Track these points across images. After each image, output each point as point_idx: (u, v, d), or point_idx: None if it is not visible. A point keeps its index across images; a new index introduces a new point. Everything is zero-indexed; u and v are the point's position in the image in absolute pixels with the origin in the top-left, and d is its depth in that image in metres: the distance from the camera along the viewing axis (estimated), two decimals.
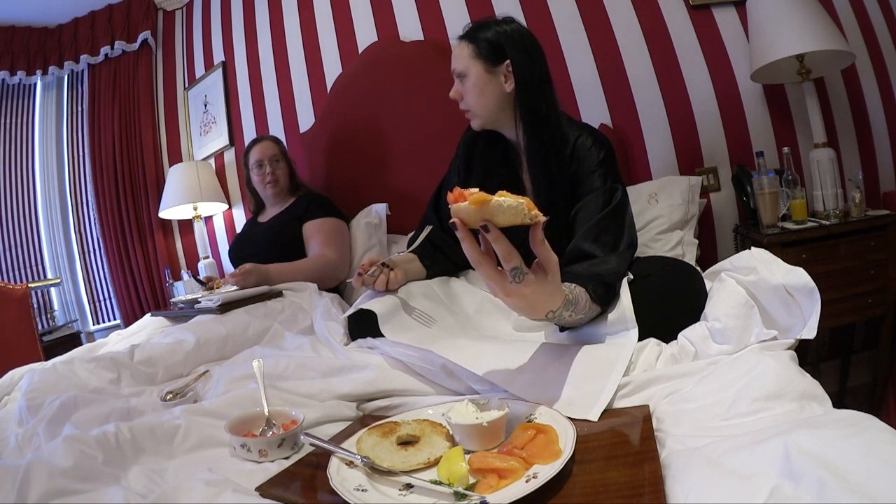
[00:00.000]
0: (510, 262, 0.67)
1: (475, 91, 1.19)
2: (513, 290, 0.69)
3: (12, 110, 2.79)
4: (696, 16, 1.89)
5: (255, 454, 0.70)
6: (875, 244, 1.52)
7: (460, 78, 1.21)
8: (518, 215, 0.65)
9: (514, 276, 0.68)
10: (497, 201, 0.64)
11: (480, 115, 1.22)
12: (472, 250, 0.68)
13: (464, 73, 1.20)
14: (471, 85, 1.19)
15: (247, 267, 1.56)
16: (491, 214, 0.64)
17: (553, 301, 0.76)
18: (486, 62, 1.18)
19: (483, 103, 1.20)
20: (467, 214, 0.65)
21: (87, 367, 1.04)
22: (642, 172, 1.94)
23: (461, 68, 1.20)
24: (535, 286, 0.70)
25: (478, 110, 1.22)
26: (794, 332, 0.74)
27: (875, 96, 1.84)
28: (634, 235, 1.07)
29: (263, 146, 2.00)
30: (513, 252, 0.67)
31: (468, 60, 1.19)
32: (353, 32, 2.30)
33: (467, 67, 1.19)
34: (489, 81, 1.18)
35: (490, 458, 0.58)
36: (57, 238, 2.78)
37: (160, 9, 2.74)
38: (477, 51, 1.18)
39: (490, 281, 0.70)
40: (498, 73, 1.18)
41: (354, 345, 1.10)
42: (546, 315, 0.78)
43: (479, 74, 1.18)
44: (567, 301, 0.80)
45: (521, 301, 0.72)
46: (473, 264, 0.69)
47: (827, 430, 0.46)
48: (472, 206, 0.64)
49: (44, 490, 0.56)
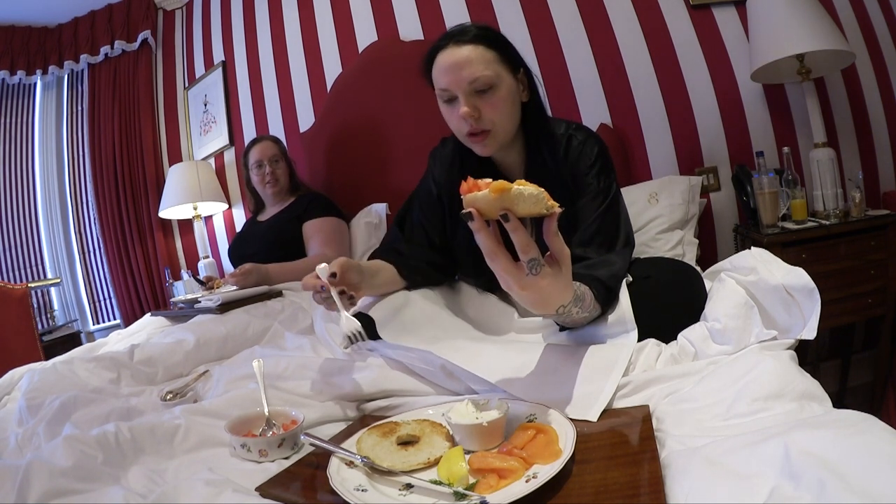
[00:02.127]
0: (528, 254, 0.65)
1: (507, 104, 0.98)
2: (529, 283, 0.67)
3: (12, 110, 2.79)
4: (696, 16, 1.89)
5: (255, 454, 0.70)
6: (875, 244, 1.52)
7: (481, 91, 0.96)
8: (538, 204, 0.63)
9: (531, 268, 0.66)
10: (518, 189, 0.62)
11: (503, 134, 1.01)
12: (488, 242, 0.65)
13: (491, 84, 0.96)
14: (502, 97, 0.97)
15: (246, 267, 1.57)
16: (511, 203, 0.62)
17: (565, 295, 0.75)
18: (510, 69, 1.00)
19: (512, 119, 1.01)
20: (486, 203, 0.62)
21: (87, 367, 1.04)
22: (642, 172, 1.94)
23: (489, 75, 0.95)
24: (552, 278, 0.68)
25: (504, 128, 1.00)
26: (794, 332, 0.74)
27: (875, 96, 1.84)
28: (631, 232, 1.05)
29: (263, 146, 2.00)
30: (531, 243, 0.65)
31: (496, 66, 0.97)
32: (353, 32, 2.30)
33: (498, 76, 0.96)
34: (517, 92, 1.01)
35: (490, 458, 0.58)
36: (57, 238, 2.78)
37: (160, 8, 2.74)
38: (501, 56, 0.98)
39: (506, 274, 0.67)
40: (519, 82, 1.03)
41: (353, 348, 1.10)
42: (557, 310, 0.76)
43: (511, 84, 0.99)
44: (576, 296, 0.79)
45: (537, 294, 0.69)
46: (488, 257, 0.66)
47: (827, 430, 0.46)
48: (492, 193, 0.61)
49: (44, 490, 0.56)
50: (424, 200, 1.20)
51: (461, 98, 0.97)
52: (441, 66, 0.98)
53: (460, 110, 0.97)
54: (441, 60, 0.98)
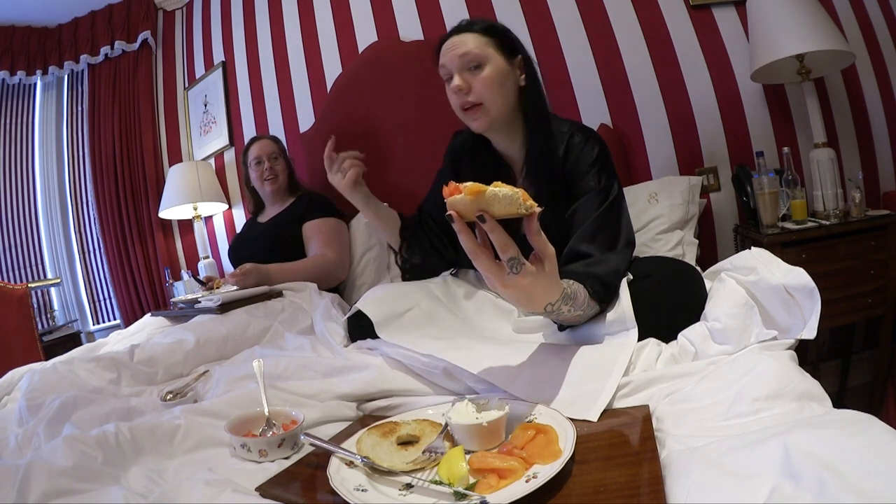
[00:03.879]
0: (507, 253, 0.67)
1: (495, 82, 1.08)
2: (511, 282, 0.69)
3: (12, 110, 2.79)
4: (696, 16, 1.89)
5: (255, 454, 0.70)
6: (875, 244, 1.52)
7: (472, 68, 1.08)
8: (513, 205, 0.65)
9: (511, 267, 0.68)
10: (492, 191, 0.64)
11: (494, 110, 1.10)
12: (469, 242, 0.68)
13: (480, 61, 1.07)
14: (490, 74, 1.07)
15: (247, 267, 1.56)
16: (486, 205, 0.65)
17: (551, 293, 0.76)
18: (503, 53, 1.10)
19: (503, 97, 1.09)
20: (463, 206, 0.65)
21: (87, 367, 1.04)
22: (642, 172, 1.94)
23: (478, 52, 1.07)
24: (533, 277, 0.70)
25: (493, 104, 1.09)
26: (794, 332, 0.74)
27: (875, 96, 1.84)
28: (632, 233, 1.06)
29: (262, 144, 2.00)
30: (509, 242, 0.67)
31: (486, 48, 1.08)
32: (353, 32, 2.30)
33: (486, 54, 1.07)
34: (509, 74, 1.10)
35: (490, 458, 0.58)
36: (57, 238, 2.78)
37: (160, 9, 2.74)
38: (493, 41, 1.09)
39: (488, 273, 0.69)
40: (514, 67, 1.12)
41: (354, 346, 1.10)
42: (545, 308, 0.78)
43: (501, 64, 1.09)
44: (565, 295, 0.79)
45: (520, 292, 0.71)
46: (471, 256, 0.69)
47: (827, 430, 0.46)
48: (468, 196, 0.64)
49: (44, 490, 0.56)
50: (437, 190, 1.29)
51: (455, 74, 1.10)
52: (443, 49, 1.13)
53: (452, 83, 1.10)
54: (443, 45, 1.13)
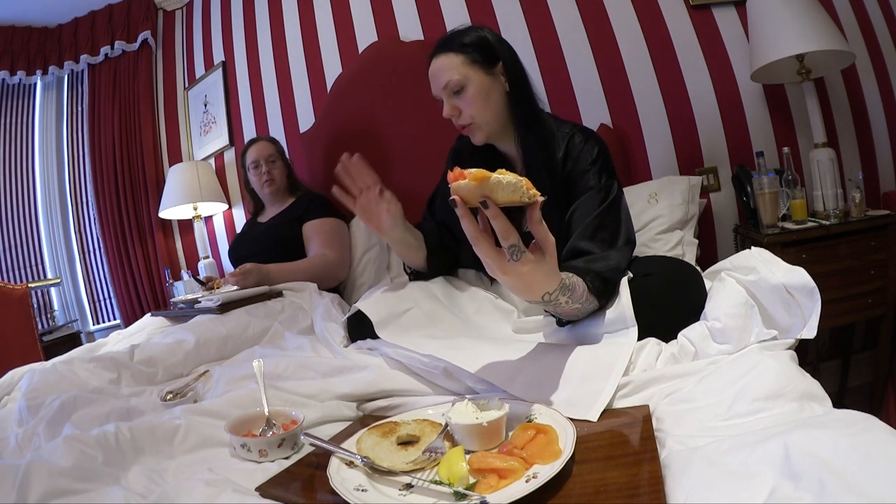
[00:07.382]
0: (508, 240, 0.68)
1: (479, 99, 1.11)
2: (510, 269, 0.70)
3: (12, 110, 2.79)
4: (696, 16, 1.89)
5: (255, 454, 0.70)
6: (875, 244, 1.52)
7: (456, 93, 1.12)
8: (516, 192, 0.66)
9: (511, 254, 0.69)
10: (496, 178, 0.65)
11: (487, 124, 1.14)
12: (470, 227, 0.68)
13: (461, 85, 1.11)
14: (473, 94, 1.10)
15: (247, 267, 1.56)
16: (490, 191, 0.65)
17: (550, 282, 0.77)
18: (482, 66, 1.11)
19: (491, 110, 1.12)
20: (467, 191, 0.66)
21: (87, 367, 1.04)
22: (642, 172, 1.94)
23: (457, 79, 1.10)
24: (533, 265, 0.71)
25: (484, 119, 1.13)
26: (794, 331, 0.74)
27: (875, 96, 1.84)
28: (632, 231, 1.07)
29: (259, 146, 2.00)
30: (511, 229, 0.68)
31: (463, 69, 1.10)
32: (353, 32, 2.30)
33: (465, 77, 1.10)
34: (492, 86, 1.12)
35: (490, 458, 0.58)
36: (57, 238, 2.78)
37: (160, 9, 2.74)
38: (469, 58, 1.11)
39: (488, 259, 0.70)
40: (496, 76, 1.13)
41: (354, 346, 1.10)
42: (542, 297, 0.78)
43: (482, 80, 1.11)
44: (563, 285, 0.80)
45: (518, 280, 0.72)
46: (472, 241, 0.69)
47: (827, 430, 0.46)
48: (472, 182, 0.65)
49: (44, 490, 0.56)
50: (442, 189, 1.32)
51: (444, 100, 1.15)
52: (429, 75, 1.17)
53: (443, 111, 1.15)
54: (429, 70, 1.16)
